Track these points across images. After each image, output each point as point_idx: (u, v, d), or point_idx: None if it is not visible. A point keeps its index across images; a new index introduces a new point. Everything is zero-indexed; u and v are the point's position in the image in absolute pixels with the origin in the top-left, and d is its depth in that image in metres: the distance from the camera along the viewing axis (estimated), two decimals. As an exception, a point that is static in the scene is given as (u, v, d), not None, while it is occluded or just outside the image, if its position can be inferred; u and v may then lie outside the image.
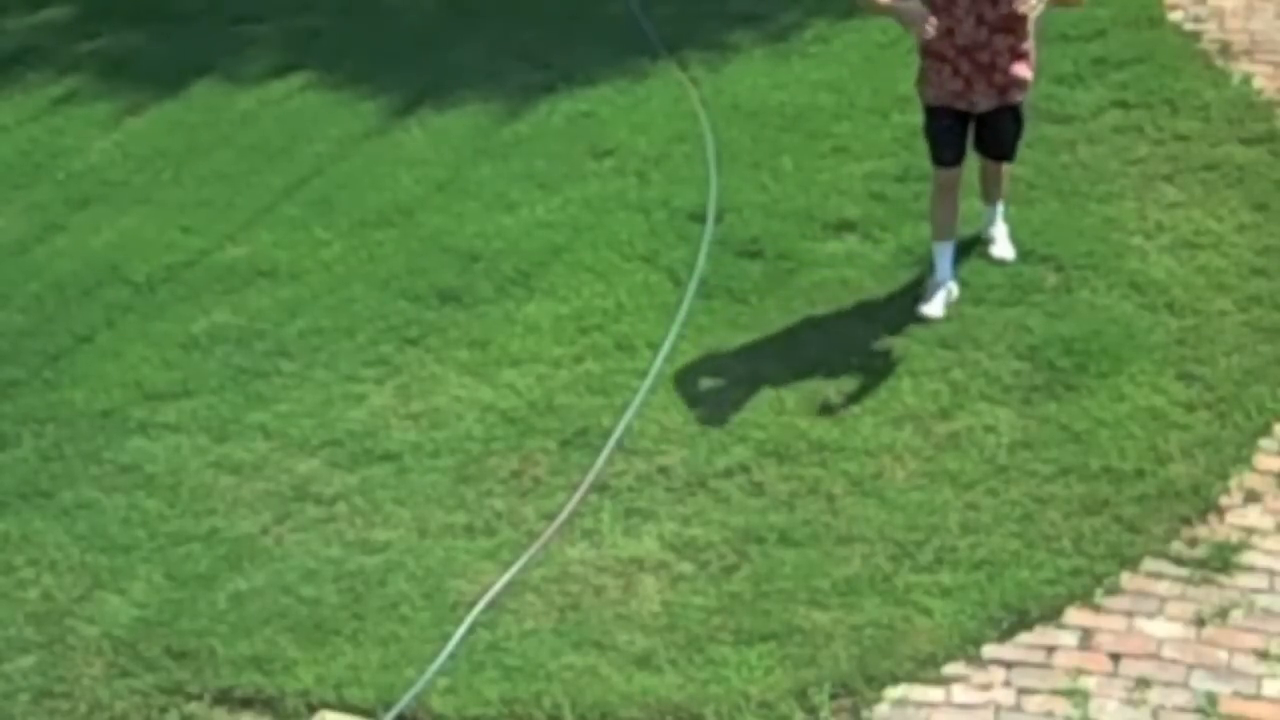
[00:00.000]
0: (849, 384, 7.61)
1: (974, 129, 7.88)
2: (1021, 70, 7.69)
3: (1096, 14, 10.12)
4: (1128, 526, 6.72)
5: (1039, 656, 6.25)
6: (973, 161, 8.01)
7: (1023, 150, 8.86)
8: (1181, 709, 6.00)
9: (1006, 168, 8.15)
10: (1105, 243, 8.24)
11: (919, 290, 8.00)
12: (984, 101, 7.70)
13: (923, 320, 7.78)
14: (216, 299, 8.82)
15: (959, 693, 6.15)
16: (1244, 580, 6.48)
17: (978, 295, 7.96)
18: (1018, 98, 7.76)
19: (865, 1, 7.75)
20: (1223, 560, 6.54)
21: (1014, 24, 7.54)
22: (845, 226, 8.65)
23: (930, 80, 7.76)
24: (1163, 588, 6.48)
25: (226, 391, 8.10)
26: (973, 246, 8.19)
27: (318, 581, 6.94)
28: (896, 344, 7.80)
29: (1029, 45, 7.66)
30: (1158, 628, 6.31)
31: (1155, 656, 6.20)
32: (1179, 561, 6.57)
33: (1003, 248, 8.16)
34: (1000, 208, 8.23)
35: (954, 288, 7.93)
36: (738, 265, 8.47)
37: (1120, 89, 9.46)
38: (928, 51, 7.67)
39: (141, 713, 6.48)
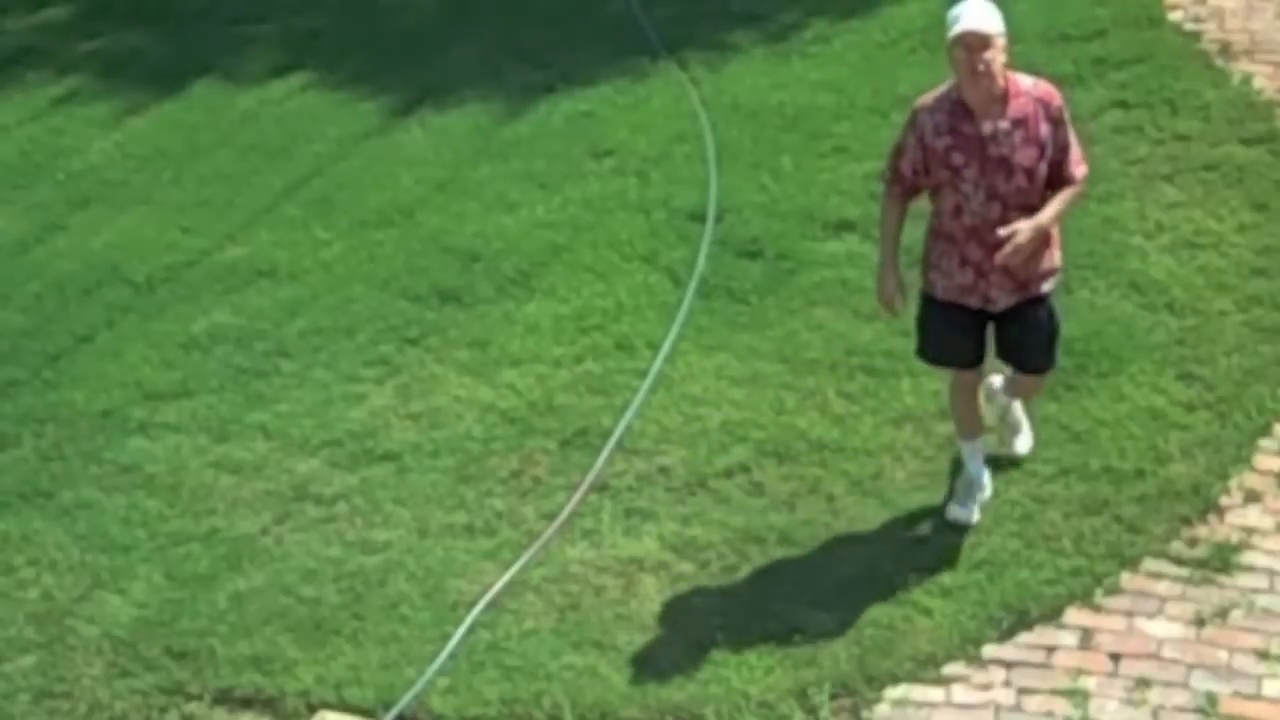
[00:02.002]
0: (849, 384, 7.60)
1: (995, 330, 6.58)
2: (1047, 258, 6.38)
3: (1096, 14, 10.13)
4: (1128, 526, 6.71)
5: (1039, 656, 6.25)
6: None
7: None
8: (1181, 709, 6.00)
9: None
10: (1105, 243, 8.24)
11: (951, 486, 7.00)
12: (1003, 298, 6.40)
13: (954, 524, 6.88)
14: (216, 299, 8.82)
15: (959, 693, 6.15)
16: (1244, 580, 6.47)
17: (978, 295, 7.97)
18: (1044, 288, 6.45)
19: (882, 232, 6.59)
20: (1223, 560, 6.53)
21: (1034, 199, 6.26)
22: (845, 226, 8.65)
23: (936, 265, 6.45)
24: (1163, 588, 6.47)
25: (226, 391, 8.10)
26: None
27: (318, 581, 6.94)
28: (896, 344, 7.79)
29: (1056, 228, 6.44)
30: (1158, 628, 6.31)
31: (1155, 656, 6.20)
32: (1179, 561, 6.56)
33: (1023, 440, 7.01)
34: (1022, 403, 7.02)
35: (988, 487, 6.84)
36: (738, 265, 8.47)
37: (1120, 89, 9.46)
38: (935, 231, 6.46)
39: (141, 713, 6.48)
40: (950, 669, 6.23)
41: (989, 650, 6.28)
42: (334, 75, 10.99)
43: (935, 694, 6.16)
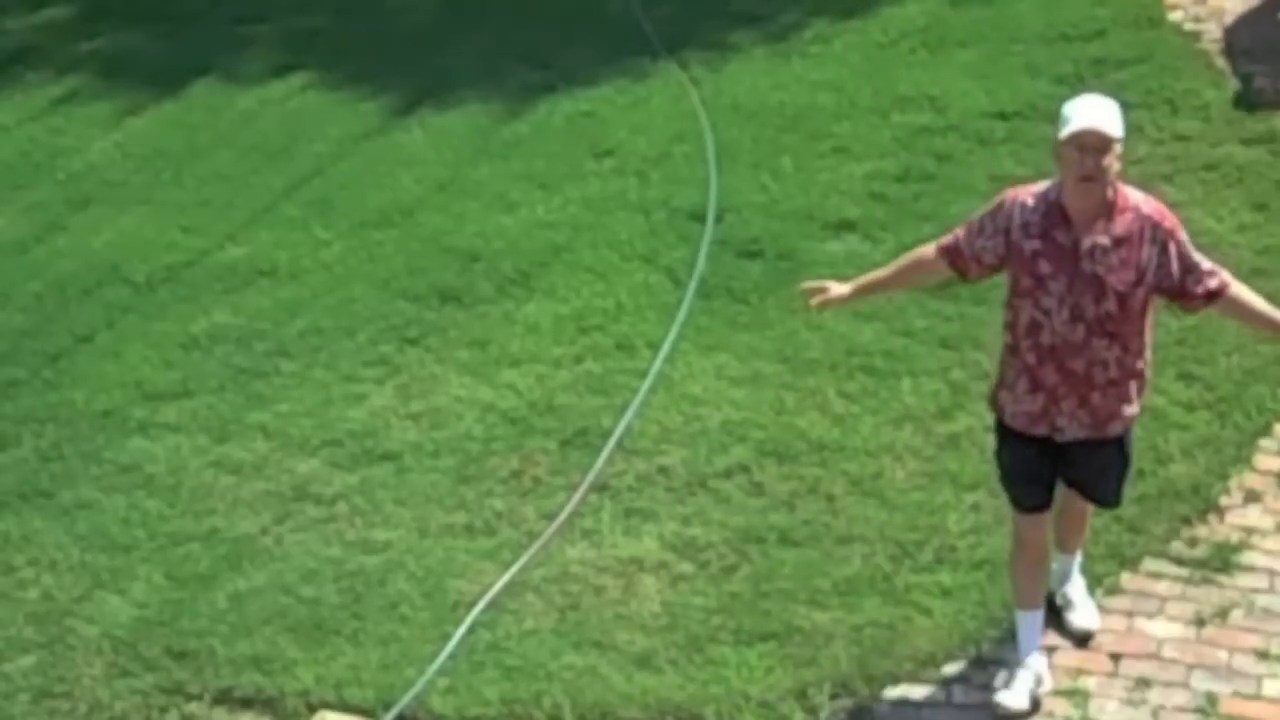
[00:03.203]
0: (849, 384, 7.60)
1: (1060, 459, 5.93)
2: (1128, 394, 5.75)
3: (1096, 14, 10.13)
4: (1128, 526, 6.71)
5: (1039, 656, 6.25)
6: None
7: (1022, 151, 8.85)
8: (1181, 709, 5.99)
9: (1092, 507, 6.25)
10: (1105, 243, 8.23)
11: (999, 678, 6.15)
12: (1072, 429, 5.76)
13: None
14: (216, 299, 8.82)
15: (959, 693, 6.14)
16: (1244, 580, 6.47)
17: (978, 295, 7.95)
18: (1118, 430, 5.82)
19: (891, 266, 6.12)
20: (1223, 560, 6.53)
21: (1124, 328, 5.61)
22: (845, 226, 8.65)
23: (1009, 387, 5.83)
24: (1163, 588, 6.47)
25: (226, 391, 8.10)
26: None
27: (318, 581, 6.94)
28: (896, 344, 7.79)
29: (1143, 361, 5.76)
30: (1158, 628, 6.31)
31: (1155, 656, 6.19)
32: (1179, 561, 6.56)
33: (1084, 615, 6.28)
34: (1078, 559, 6.36)
35: (1044, 674, 6.08)
36: (738, 265, 8.47)
37: (1120, 89, 9.44)
38: (1009, 348, 5.79)
39: (141, 713, 6.48)
40: (950, 669, 6.23)
41: (989, 650, 6.27)
42: (334, 75, 10.99)
43: (935, 694, 6.15)
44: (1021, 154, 8.44)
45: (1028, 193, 5.69)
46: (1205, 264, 5.66)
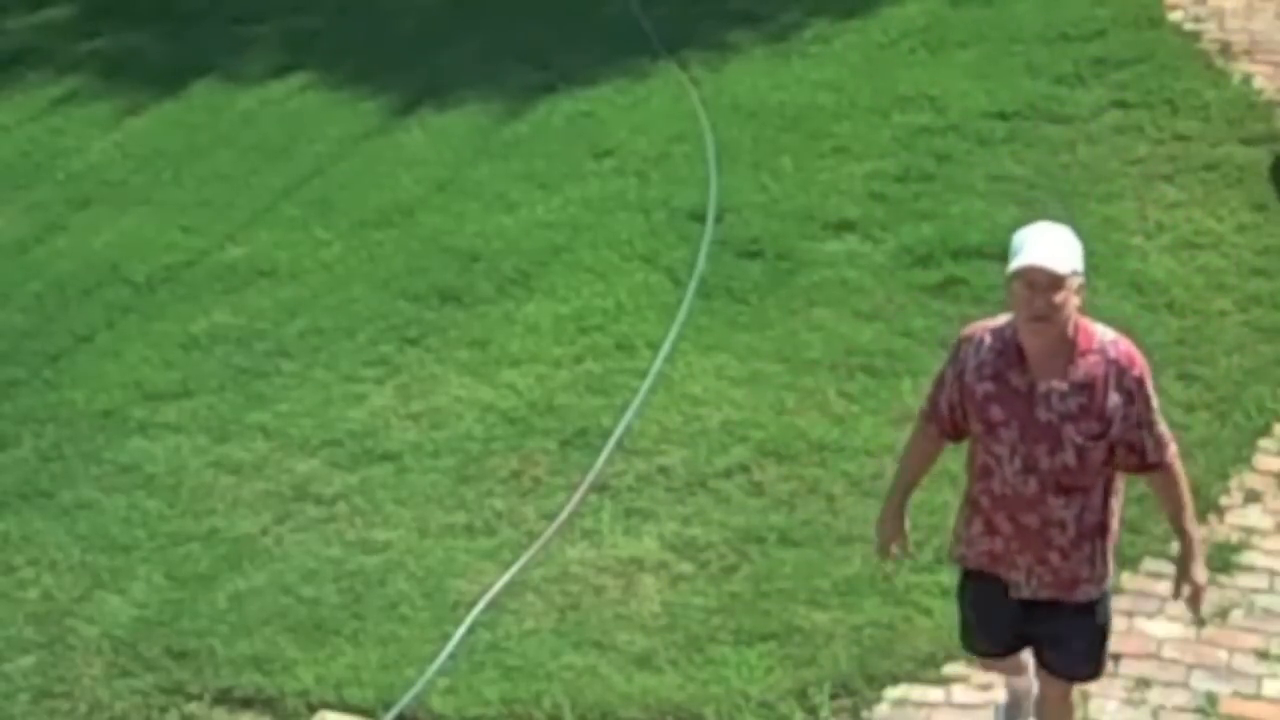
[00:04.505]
0: (849, 384, 7.60)
1: (1025, 621, 5.27)
2: (1094, 556, 5.11)
3: (1096, 14, 10.14)
4: (1128, 526, 6.67)
5: (1039, 656, 6.24)
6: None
7: (1022, 151, 8.86)
8: (1181, 709, 6.00)
9: (1079, 691, 5.62)
10: (1105, 243, 8.24)
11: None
12: (1029, 586, 5.13)
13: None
14: (216, 299, 8.82)
15: (959, 693, 6.15)
16: (1244, 580, 6.47)
17: (977, 295, 7.97)
18: (1091, 593, 5.15)
19: (900, 467, 5.51)
20: (1223, 560, 6.53)
21: (1081, 482, 4.96)
22: (845, 226, 8.65)
23: (965, 526, 5.25)
24: (1163, 588, 6.45)
25: (226, 391, 8.10)
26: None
27: (318, 581, 6.94)
28: (896, 344, 7.79)
29: (1108, 516, 5.12)
30: (1158, 628, 6.31)
31: (1155, 656, 6.20)
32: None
33: None
34: None
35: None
36: (738, 265, 8.47)
37: (1120, 89, 9.47)
38: (968, 483, 5.24)
39: (141, 713, 6.47)
40: (950, 669, 6.23)
41: (989, 650, 6.27)
42: (334, 75, 10.99)
43: (935, 694, 6.16)
44: (1021, 154, 8.44)
45: (985, 330, 5.08)
46: (1162, 427, 5.02)
